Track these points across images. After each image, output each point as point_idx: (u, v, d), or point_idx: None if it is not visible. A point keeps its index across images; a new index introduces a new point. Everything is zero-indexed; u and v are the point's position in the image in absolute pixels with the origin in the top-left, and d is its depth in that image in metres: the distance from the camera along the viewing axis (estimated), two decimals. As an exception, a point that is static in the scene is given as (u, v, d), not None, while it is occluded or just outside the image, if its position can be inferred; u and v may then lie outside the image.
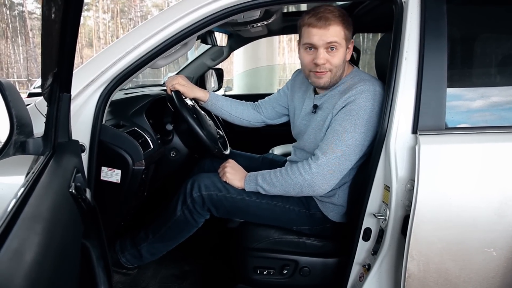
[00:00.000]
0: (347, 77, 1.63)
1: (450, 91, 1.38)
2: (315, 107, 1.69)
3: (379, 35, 3.14)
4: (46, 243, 0.60)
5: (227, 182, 1.68)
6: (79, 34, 0.95)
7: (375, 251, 1.50)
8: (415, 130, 1.37)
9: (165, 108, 2.07)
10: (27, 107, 1.18)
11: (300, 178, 1.53)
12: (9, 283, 0.46)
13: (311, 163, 1.53)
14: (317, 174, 1.51)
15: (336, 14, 1.50)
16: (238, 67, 8.37)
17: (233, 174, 1.69)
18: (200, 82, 3.14)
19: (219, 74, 3.23)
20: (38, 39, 31.38)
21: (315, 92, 1.74)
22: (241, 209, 1.69)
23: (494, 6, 1.50)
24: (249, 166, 2.10)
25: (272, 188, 1.60)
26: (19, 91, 1.12)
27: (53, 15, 0.86)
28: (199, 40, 2.57)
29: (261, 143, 3.22)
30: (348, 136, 1.49)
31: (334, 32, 1.50)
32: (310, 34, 1.52)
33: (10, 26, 31.93)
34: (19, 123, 1.03)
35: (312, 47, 1.54)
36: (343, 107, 1.53)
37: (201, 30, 1.48)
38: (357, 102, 1.50)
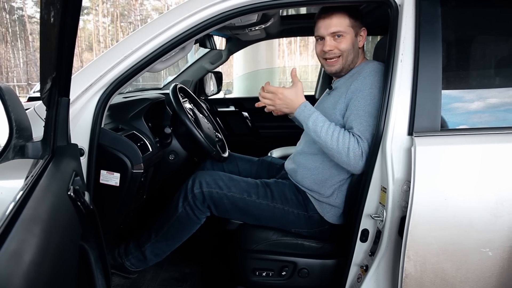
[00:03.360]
0: (362, 64, 1.70)
1: (445, 93, 1.39)
2: (330, 88, 1.79)
3: (379, 38, 3.16)
4: (44, 244, 0.61)
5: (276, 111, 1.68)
6: (79, 38, 0.96)
7: (372, 252, 1.51)
8: (411, 132, 1.39)
9: (164, 111, 2.09)
10: (26, 111, 1.19)
11: (345, 150, 1.51)
12: (8, 283, 0.47)
13: (362, 147, 1.51)
14: (363, 160, 1.52)
15: (341, 5, 1.64)
16: (238, 70, 8.40)
17: (283, 105, 1.64)
18: (199, 85, 3.16)
19: (218, 77, 3.25)
20: (38, 43, 31.36)
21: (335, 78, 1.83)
22: (240, 209, 1.71)
23: (489, 8, 1.51)
24: (249, 169, 2.12)
25: (315, 136, 1.57)
26: (19, 95, 1.13)
27: (51, 19, 0.87)
28: (198, 44, 2.59)
29: (259, 146, 3.24)
30: (376, 121, 1.52)
31: (337, 21, 1.64)
32: (317, 27, 1.69)
33: (10, 30, 32.00)
34: (18, 127, 1.04)
35: (321, 38, 1.69)
36: (359, 91, 1.58)
37: (199, 34, 1.49)
38: (372, 88, 1.56)
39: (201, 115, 2.23)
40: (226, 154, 2.13)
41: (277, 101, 1.63)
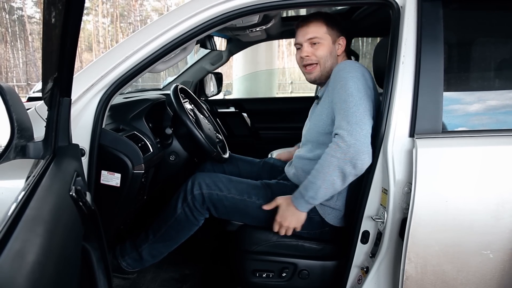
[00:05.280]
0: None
1: (446, 94, 1.39)
2: (317, 97, 1.81)
3: (378, 39, 3.16)
4: (47, 244, 0.61)
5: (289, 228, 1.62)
6: (78, 38, 0.96)
7: (373, 253, 1.51)
8: (412, 134, 1.39)
9: (165, 112, 2.08)
10: (27, 111, 1.19)
11: (334, 160, 1.45)
12: (12, 283, 0.47)
13: (338, 141, 1.45)
14: (349, 147, 1.43)
15: (318, 14, 1.71)
16: (238, 71, 8.40)
17: (287, 217, 1.59)
18: (200, 86, 3.16)
19: (218, 78, 3.25)
20: (37, 44, 31.41)
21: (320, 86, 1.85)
22: (240, 210, 1.70)
23: (490, 11, 1.51)
24: (250, 170, 2.12)
25: (318, 192, 1.50)
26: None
27: (53, 20, 0.87)
28: (199, 45, 2.59)
29: (260, 147, 3.24)
30: (350, 105, 1.48)
31: (314, 29, 1.70)
32: (296, 36, 1.76)
33: (10, 30, 31.98)
34: (20, 127, 1.04)
35: (299, 45, 1.74)
36: (333, 89, 1.58)
37: (200, 35, 1.49)
38: (341, 81, 1.55)
39: (201, 116, 2.23)
40: (226, 155, 2.13)
41: (283, 222, 1.60)
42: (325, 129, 1.66)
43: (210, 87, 3.22)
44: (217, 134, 2.29)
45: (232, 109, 3.48)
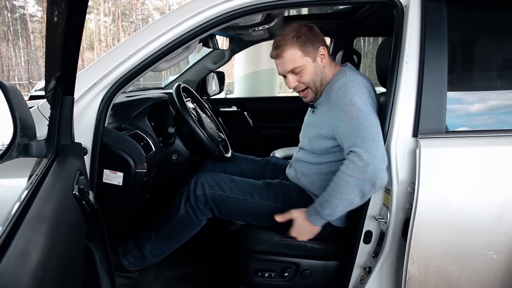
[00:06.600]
0: (335, 76, 1.66)
1: (450, 94, 1.39)
2: (312, 106, 1.77)
3: (380, 39, 3.16)
4: (51, 244, 0.60)
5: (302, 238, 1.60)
6: (80, 37, 0.96)
7: (376, 253, 1.50)
8: (415, 134, 1.38)
9: (167, 111, 2.08)
10: (30, 109, 1.19)
11: (352, 180, 1.40)
12: (16, 282, 0.47)
13: (354, 160, 1.41)
14: (367, 165, 1.38)
15: (288, 37, 1.59)
16: (239, 70, 8.38)
17: (302, 233, 1.58)
18: (202, 85, 3.15)
19: (220, 77, 3.24)
20: (39, 42, 31.43)
21: None
22: (243, 210, 1.70)
23: (494, 11, 1.51)
24: (252, 169, 2.11)
25: (335, 210, 1.46)
26: (21, 94, 1.12)
27: (56, 19, 0.87)
28: (201, 44, 2.58)
29: (262, 146, 3.24)
30: (362, 120, 1.44)
31: (289, 58, 1.60)
32: (276, 65, 1.67)
33: (11, 28, 32.03)
34: (23, 125, 1.04)
35: (283, 75, 1.68)
36: (337, 106, 1.54)
37: (203, 33, 1.49)
38: (345, 97, 1.51)
39: (204, 115, 2.23)
40: (229, 154, 2.13)
41: (298, 237, 1.59)
42: (327, 146, 1.64)
43: (212, 86, 3.21)
44: (219, 133, 2.28)
45: (234, 108, 3.48)
